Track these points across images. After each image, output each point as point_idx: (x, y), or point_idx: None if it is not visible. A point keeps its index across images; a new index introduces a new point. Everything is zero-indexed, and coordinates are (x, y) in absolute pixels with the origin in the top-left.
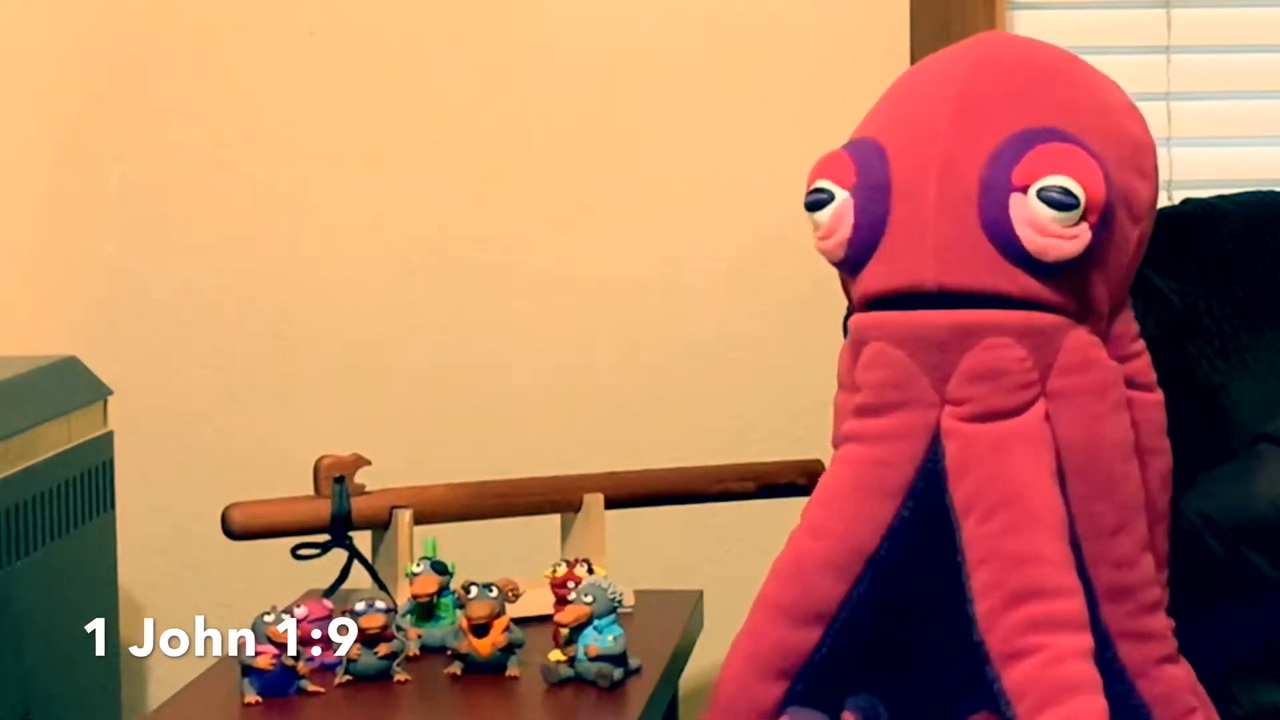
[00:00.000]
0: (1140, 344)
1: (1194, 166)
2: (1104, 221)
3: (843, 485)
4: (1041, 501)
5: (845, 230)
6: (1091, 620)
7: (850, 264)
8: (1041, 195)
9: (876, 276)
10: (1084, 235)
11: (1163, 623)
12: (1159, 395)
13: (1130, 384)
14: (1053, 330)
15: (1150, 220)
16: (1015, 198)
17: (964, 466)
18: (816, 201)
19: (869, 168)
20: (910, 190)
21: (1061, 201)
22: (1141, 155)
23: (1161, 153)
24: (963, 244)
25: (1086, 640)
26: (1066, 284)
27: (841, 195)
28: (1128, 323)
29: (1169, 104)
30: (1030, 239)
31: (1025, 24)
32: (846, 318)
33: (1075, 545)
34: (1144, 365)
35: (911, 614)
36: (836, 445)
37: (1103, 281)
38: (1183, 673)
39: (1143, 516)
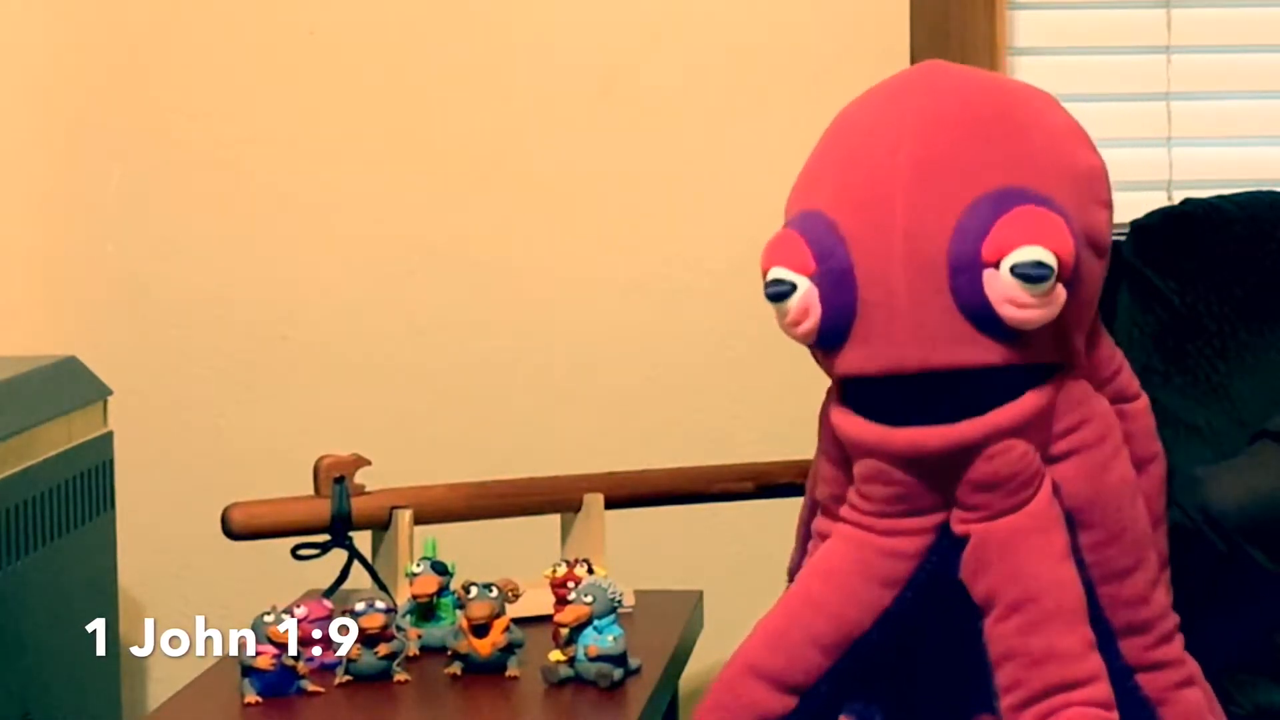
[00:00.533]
0: (1119, 356)
1: (1194, 166)
2: (1074, 276)
3: (846, 565)
4: (1056, 591)
5: (813, 319)
6: (1111, 655)
7: (824, 347)
8: (1015, 271)
9: (854, 360)
10: (1060, 297)
11: (1178, 649)
12: (1144, 400)
13: (1117, 400)
14: (1047, 405)
15: (1109, 245)
16: (988, 274)
17: (979, 566)
18: (779, 293)
19: (827, 252)
20: (876, 272)
21: (1036, 275)
22: (1097, 184)
23: (1161, 153)
24: (940, 325)
25: (1114, 716)
26: (1044, 338)
27: (804, 284)
28: (1104, 343)
29: (1169, 104)
30: (1010, 314)
31: (1025, 24)
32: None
33: (1089, 588)
34: (1126, 377)
35: (891, 692)
36: (825, 510)
37: (1076, 323)
38: (1200, 694)
39: (1153, 553)
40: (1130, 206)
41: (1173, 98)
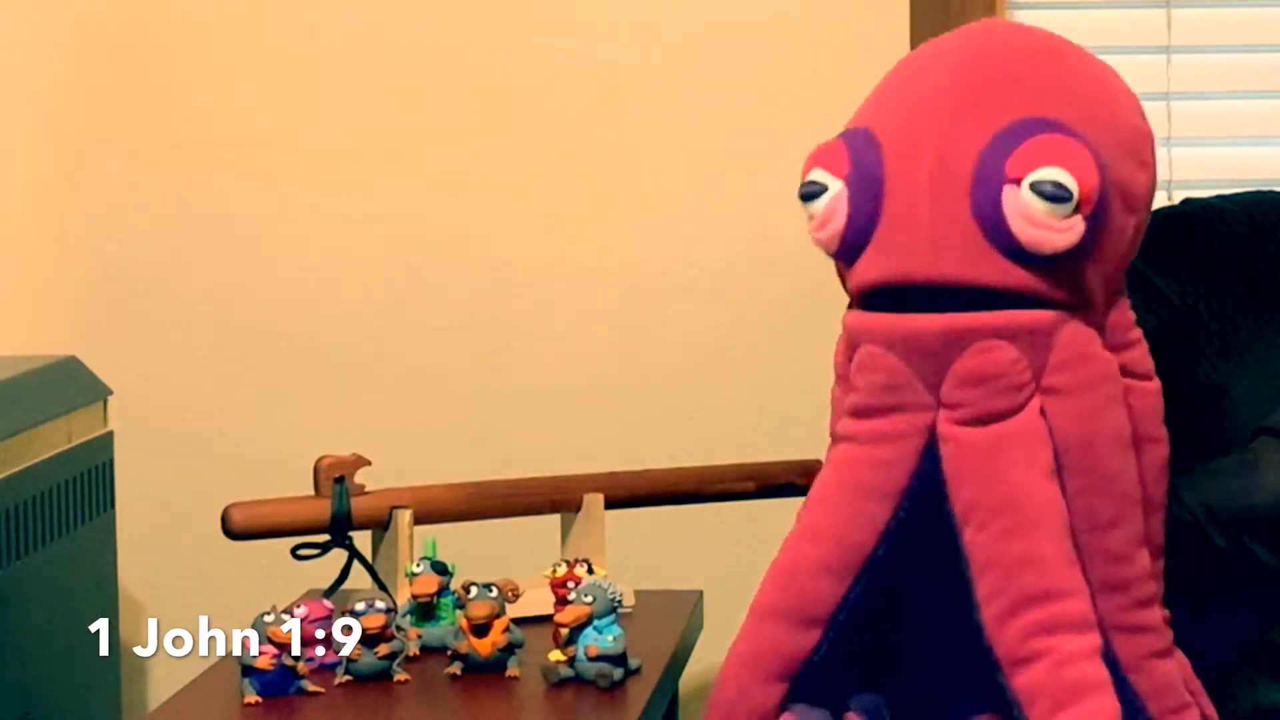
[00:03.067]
0: (1137, 332)
1: (1194, 166)
2: (1098, 213)
3: (838, 487)
4: (1040, 503)
5: (839, 221)
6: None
7: (845, 254)
8: (1034, 188)
9: (869, 268)
10: (1078, 228)
11: (1157, 616)
12: (1156, 384)
13: (1127, 373)
14: (1046, 327)
15: (1148, 209)
16: (1008, 190)
17: (961, 472)
18: (811, 192)
19: (863, 159)
20: (904, 182)
21: (1054, 194)
22: (1140, 144)
23: (1161, 153)
24: (955, 236)
25: (1094, 639)
26: (1060, 276)
27: (836, 186)
28: (1124, 311)
29: (1169, 104)
30: (1023, 231)
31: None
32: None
33: (1071, 537)
34: (1141, 354)
35: (913, 614)
36: (833, 440)
37: (1097, 272)
38: (1176, 667)
39: (1139, 510)
40: None
41: (1173, 98)
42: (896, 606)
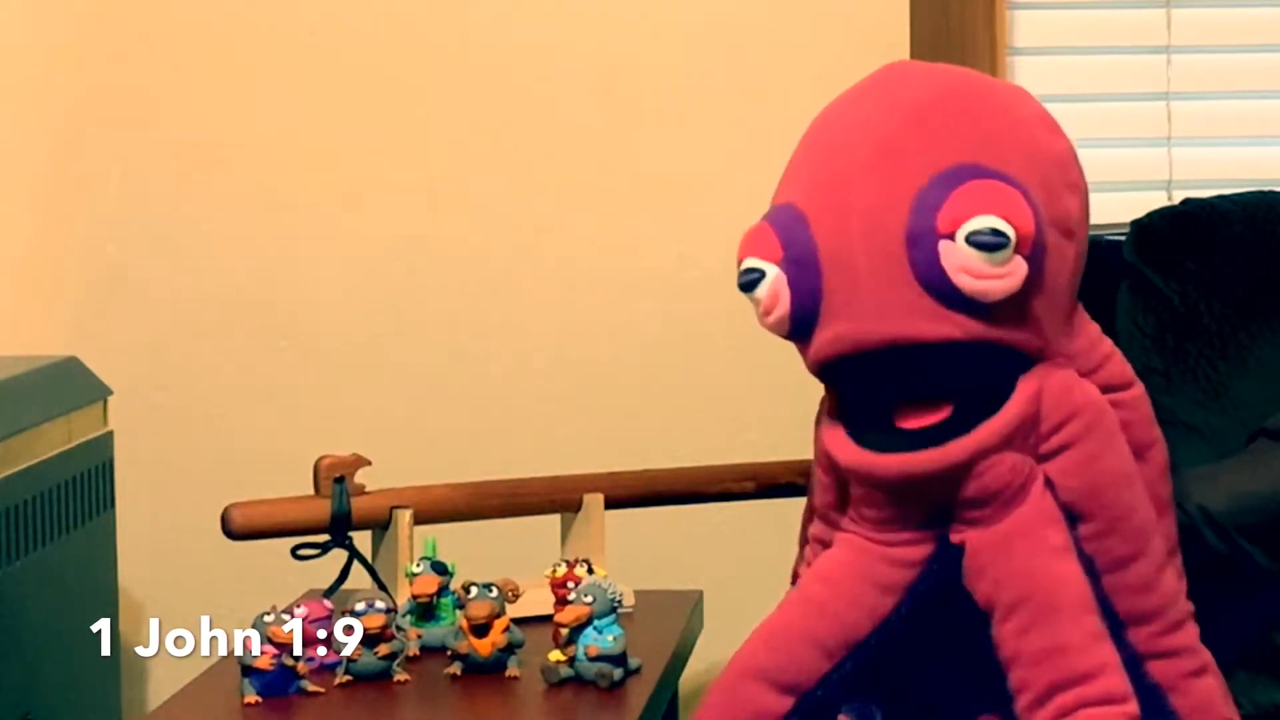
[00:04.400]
0: (1107, 344)
1: (1194, 166)
2: (1036, 249)
3: (848, 571)
4: (1052, 587)
5: (784, 305)
6: (1120, 645)
7: (797, 334)
8: (971, 240)
9: (823, 344)
10: (1020, 269)
11: (1190, 637)
12: (1140, 388)
13: (1109, 389)
14: (1033, 404)
15: (1086, 229)
16: (944, 245)
17: (977, 571)
18: (749, 281)
19: (793, 238)
20: (838, 255)
21: (992, 243)
22: (1065, 169)
23: (1161, 153)
24: (901, 299)
25: (1131, 708)
26: (1010, 316)
27: (772, 271)
28: (1089, 331)
29: (1169, 104)
30: (967, 284)
31: (1025, 24)
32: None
33: (1094, 577)
34: (1117, 366)
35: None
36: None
37: (1046, 304)
38: (1214, 684)
39: (1156, 537)
40: (1130, 206)
41: (1173, 98)
42: (872, 683)
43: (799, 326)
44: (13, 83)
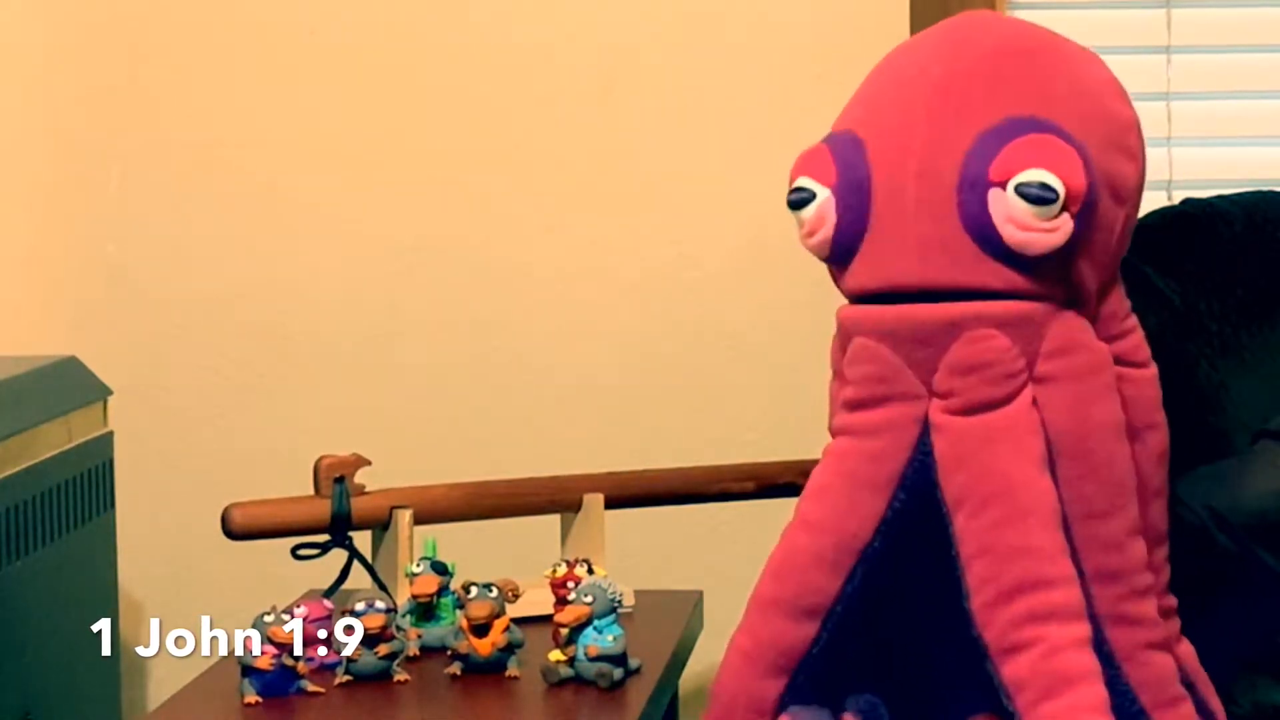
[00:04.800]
0: (1132, 320)
1: (1194, 166)
2: (1086, 209)
3: (833, 478)
4: (1032, 492)
5: (828, 228)
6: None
7: (836, 259)
8: (1020, 191)
9: (861, 274)
10: (1066, 227)
11: (1152, 608)
12: (1153, 370)
13: (1122, 361)
14: (1038, 317)
15: (1138, 199)
16: (994, 193)
17: (954, 461)
18: (799, 200)
19: (849, 165)
20: (890, 187)
21: (1040, 196)
22: (1126, 134)
23: (1161, 153)
24: (944, 241)
25: (1084, 629)
26: (1051, 273)
27: (823, 193)
28: (1118, 301)
29: (1169, 104)
30: (1012, 235)
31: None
32: None
33: (1065, 528)
34: (1136, 342)
35: (911, 608)
36: (832, 434)
37: (1088, 266)
38: (1171, 661)
39: (1134, 500)
40: None
41: (1173, 98)
42: (894, 602)
43: (838, 251)
44: (13, 82)
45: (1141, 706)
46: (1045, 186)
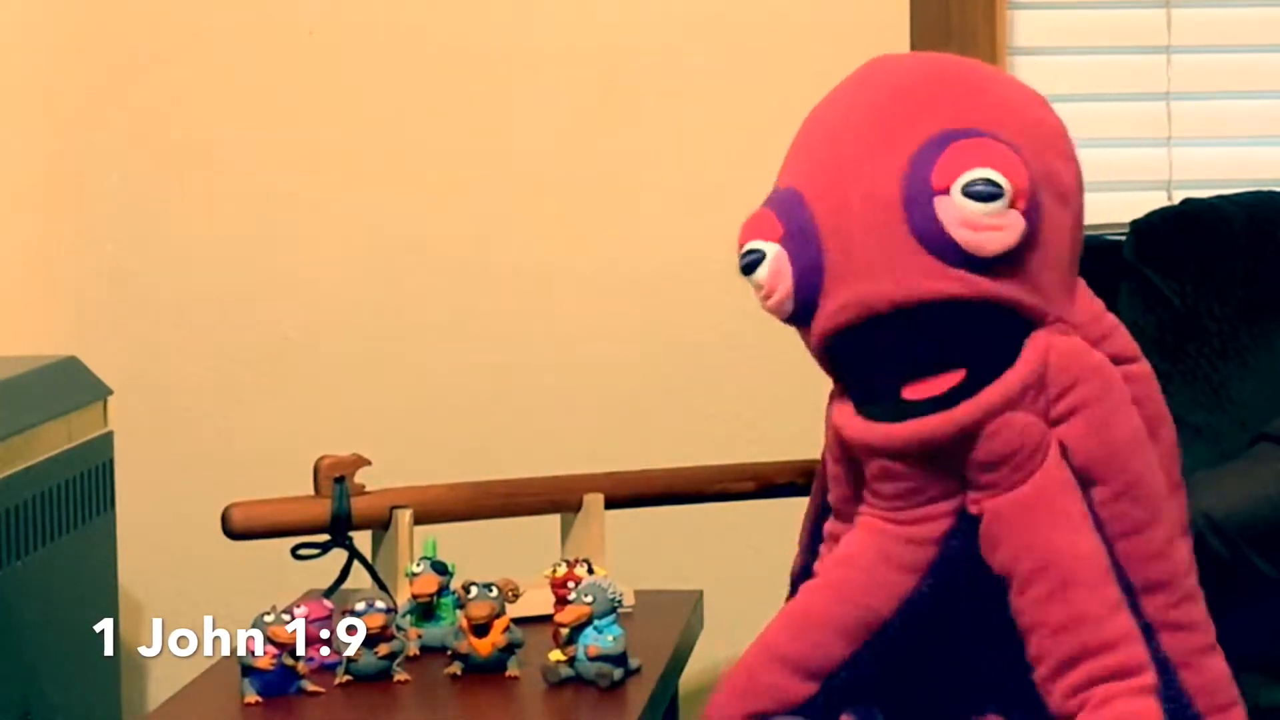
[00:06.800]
0: (1110, 318)
1: (1194, 166)
2: (1033, 208)
3: (868, 553)
4: (1073, 558)
5: (786, 283)
6: (1133, 613)
7: (801, 312)
8: (966, 191)
9: (829, 315)
10: (1017, 223)
11: (1202, 611)
12: (1146, 365)
13: (1117, 361)
14: (1035, 372)
15: (1080, 201)
16: (940, 201)
17: (992, 540)
18: (751, 263)
19: (791, 216)
20: (836, 225)
21: (987, 193)
22: (1057, 139)
23: (1161, 153)
24: (901, 259)
25: (1148, 678)
26: (1011, 274)
27: (772, 249)
28: (1090, 301)
29: (1169, 104)
30: (966, 237)
31: (1025, 24)
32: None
33: (1108, 545)
34: (1122, 340)
35: (917, 681)
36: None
37: (1046, 267)
38: (1224, 664)
39: (1170, 506)
40: (1130, 206)
41: (1173, 98)
42: (880, 682)
43: (802, 305)
44: (14, 84)
45: (1197, 711)
46: (990, 182)
